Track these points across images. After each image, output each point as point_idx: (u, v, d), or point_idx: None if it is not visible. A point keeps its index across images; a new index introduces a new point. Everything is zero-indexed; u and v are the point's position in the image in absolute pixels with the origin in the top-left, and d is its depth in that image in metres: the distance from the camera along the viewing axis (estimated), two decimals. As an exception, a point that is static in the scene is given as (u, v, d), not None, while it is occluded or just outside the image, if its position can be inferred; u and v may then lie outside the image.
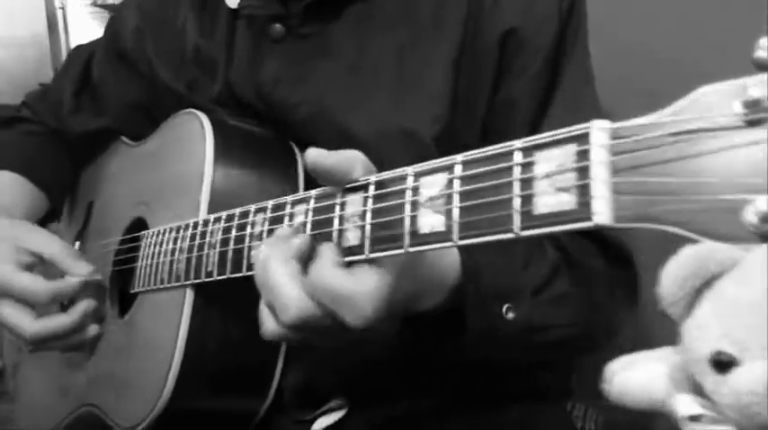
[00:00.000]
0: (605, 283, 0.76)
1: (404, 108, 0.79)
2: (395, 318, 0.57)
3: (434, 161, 0.49)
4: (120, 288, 0.91)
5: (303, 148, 0.59)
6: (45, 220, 1.04)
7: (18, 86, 1.10)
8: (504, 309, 0.67)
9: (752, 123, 0.34)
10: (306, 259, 0.56)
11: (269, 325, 0.57)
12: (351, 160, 0.55)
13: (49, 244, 0.88)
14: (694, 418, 0.31)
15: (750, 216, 0.33)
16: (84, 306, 0.86)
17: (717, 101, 0.36)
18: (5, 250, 0.85)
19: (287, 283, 0.54)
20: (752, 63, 0.36)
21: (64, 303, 0.89)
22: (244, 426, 0.81)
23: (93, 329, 0.87)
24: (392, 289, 0.53)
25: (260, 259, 0.57)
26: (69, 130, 1.05)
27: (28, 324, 0.83)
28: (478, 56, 0.79)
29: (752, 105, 0.34)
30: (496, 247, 0.70)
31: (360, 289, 0.52)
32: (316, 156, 0.54)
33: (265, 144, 0.82)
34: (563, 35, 0.79)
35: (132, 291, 0.85)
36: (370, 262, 0.53)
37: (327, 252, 0.54)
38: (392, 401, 0.82)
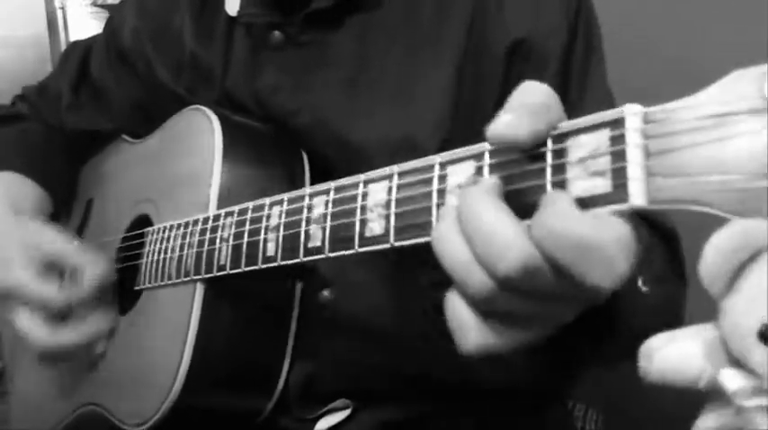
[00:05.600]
0: (665, 260, 0.72)
1: (404, 116, 0.78)
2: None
3: (463, 149, 0.49)
4: (119, 286, 0.90)
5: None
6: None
7: (18, 86, 1.08)
8: (640, 282, 0.58)
9: (783, 105, 0.35)
10: None
11: (477, 280, 0.42)
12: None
13: (61, 243, 0.87)
14: (744, 393, 0.31)
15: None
16: (96, 326, 0.86)
17: (747, 84, 0.37)
18: (18, 253, 0.84)
19: (503, 221, 0.42)
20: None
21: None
22: (248, 425, 0.81)
23: (100, 347, 0.88)
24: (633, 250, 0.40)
25: (456, 209, 0.44)
26: (68, 126, 1.04)
27: (41, 336, 0.84)
28: (484, 65, 0.78)
29: (782, 87, 0.35)
30: None
31: (610, 235, 0.39)
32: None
33: (271, 141, 0.82)
34: (572, 46, 0.78)
35: (137, 288, 0.85)
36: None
37: (562, 194, 0.42)
38: (397, 403, 0.82)
